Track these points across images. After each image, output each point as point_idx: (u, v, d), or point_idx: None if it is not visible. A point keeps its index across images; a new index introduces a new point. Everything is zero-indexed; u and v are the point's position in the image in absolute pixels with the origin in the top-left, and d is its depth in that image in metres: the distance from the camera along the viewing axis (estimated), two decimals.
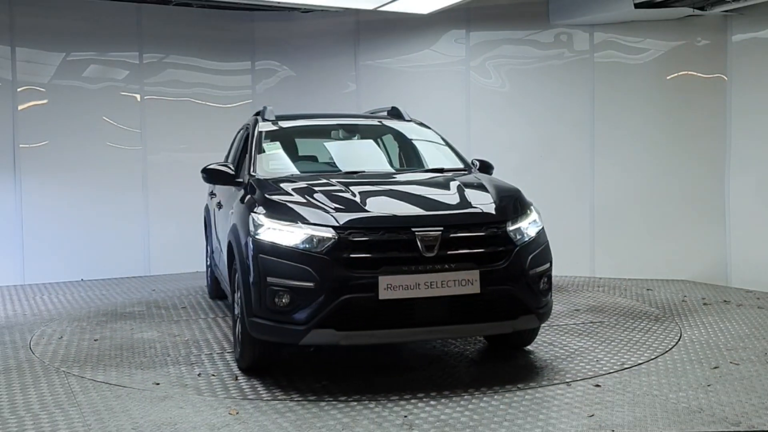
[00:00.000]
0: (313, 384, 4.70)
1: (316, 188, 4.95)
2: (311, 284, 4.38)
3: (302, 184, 5.07)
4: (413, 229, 4.48)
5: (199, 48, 9.82)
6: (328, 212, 4.60)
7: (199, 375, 4.99)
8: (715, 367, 4.95)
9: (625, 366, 4.98)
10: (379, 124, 6.71)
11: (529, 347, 5.49)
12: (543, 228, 5.06)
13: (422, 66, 9.66)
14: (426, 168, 5.98)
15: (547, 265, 4.93)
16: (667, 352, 5.35)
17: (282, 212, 4.69)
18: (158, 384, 4.78)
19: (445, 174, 5.59)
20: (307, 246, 4.48)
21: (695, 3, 7.56)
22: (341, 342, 4.47)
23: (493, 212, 4.79)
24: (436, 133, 6.46)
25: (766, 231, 7.71)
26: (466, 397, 4.39)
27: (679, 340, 5.69)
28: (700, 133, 8.30)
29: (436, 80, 9.54)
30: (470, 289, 4.46)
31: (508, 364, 5.09)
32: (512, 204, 4.96)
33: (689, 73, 8.36)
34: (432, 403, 4.29)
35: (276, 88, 10.21)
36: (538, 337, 5.60)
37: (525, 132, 9.13)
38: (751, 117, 7.85)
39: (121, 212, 9.31)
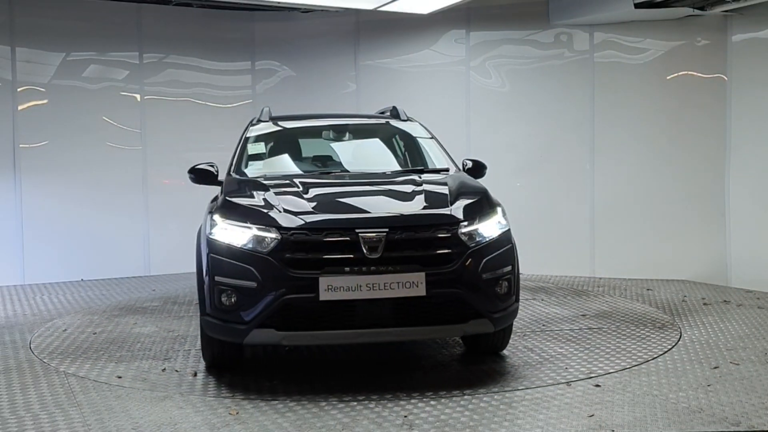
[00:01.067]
0: (263, 383, 4.72)
1: (276, 189, 5.00)
2: (254, 284, 4.43)
3: (267, 185, 5.13)
4: (357, 231, 4.46)
5: (199, 48, 9.82)
6: (275, 213, 4.64)
7: (163, 370, 5.09)
8: (715, 367, 4.95)
9: (626, 366, 4.99)
10: (370, 124, 6.71)
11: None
12: (509, 230, 4.93)
13: (422, 66, 9.66)
14: (406, 168, 5.88)
15: (507, 268, 4.77)
16: (667, 352, 5.35)
17: (235, 213, 4.76)
18: (120, 377, 4.92)
19: (418, 174, 5.51)
20: (253, 246, 4.53)
21: (695, 3, 7.57)
22: (283, 342, 4.54)
23: (445, 214, 4.69)
24: (428, 132, 6.39)
25: (766, 231, 7.71)
26: (466, 397, 4.39)
27: (679, 340, 5.69)
28: (700, 133, 8.31)
29: (436, 80, 9.54)
30: (415, 291, 4.39)
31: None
32: (472, 206, 4.85)
33: (689, 73, 8.36)
34: (432, 403, 4.29)
35: (276, 88, 10.22)
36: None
37: (525, 132, 9.14)
38: (751, 117, 7.85)
39: (121, 212, 9.31)
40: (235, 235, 4.61)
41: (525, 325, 6.20)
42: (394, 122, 6.51)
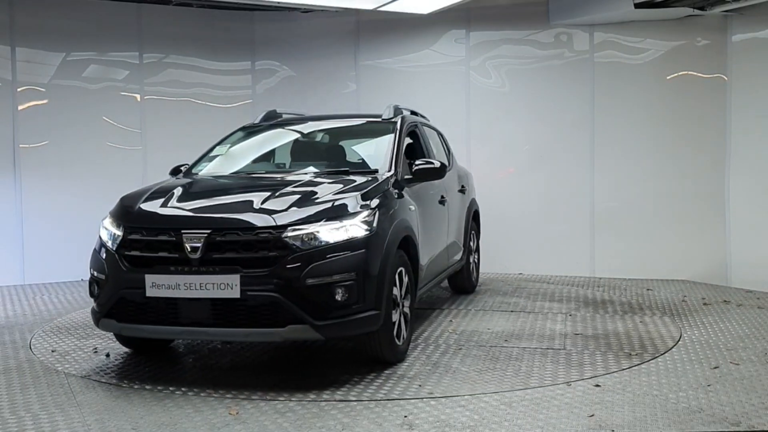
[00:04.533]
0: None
1: (170, 189, 5.29)
2: (103, 276, 4.86)
3: (169, 186, 5.45)
4: (182, 231, 4.61)
5: (199, 48, 9.82)
6: (131, 212, 5.00)
7: (93, 349, 5.65)
8: (715, 367, 4.95)
9: (626, 366, 4.99)
10: (345, 126, 6.70)
11: (433, 363, 5.46)
12: (368, 235, 4.72)
13: (422, 66, 9.66)
14: (331, 170, 5.73)
15: (350, 275, 4.57)
16: (667, 352, 5.35)
17: (115, 211, 5.14)
18: (54, 351, 5.61)
19: (328, 176, 5.50)
20: (108, 243, 4.93)
21: (695, 3, 7.57)
22: (122, 332, 4.96)
23: (273, 217, 4.62)
24: (397, 132, 6.08)
25: (766, 231, 7.71)
26: (466, 397, 4.39)
27: (679, 340, 5.69)
28: (700, 133, 8.31)
29: (436, 80, 9.55)
30: (230, 293, 4.46)
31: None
32: (323, 209, 4.74)
33: (689, 73, 8.36)
34: (432, 403, 4.29)
35: (276, 88, 10.22)
36: (460, 354, 5.32)
37: (525, 132, 9.15)
38: (751, 117, 7.86)
39: None
40: (105, 231, 5.02)
41: (486, 339, 5.78)
42: (369, 122, 6.49)
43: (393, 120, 6.32)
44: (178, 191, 5.24)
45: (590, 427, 3.86)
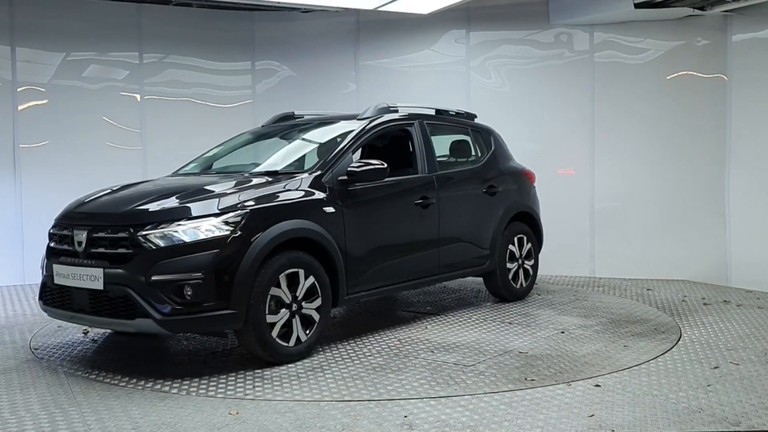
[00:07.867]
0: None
1: (106, 189, 5.81)
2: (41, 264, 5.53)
3: (115, 186, 5.96)
4: (74, 227, 5.20)
5: (199, 48, 9.83)
6: (64, 208, 5.62)
7: (83, 331, 6.24)
8: (715, 367, 4.95)
9: (625, 366, 4.99)
10: (317, 127, 6.68)
11: (313, 368, 5.44)
12: (226, 236, 4.83)
13: (422, 66, 9.66)
14: (262, 171, 5.80)
15: (197, 274, 4.71)
16: (667, 352, 5.35)
17: None
18: (54, 340, 6.01)
19: (242, 178, 5.60)
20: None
21: (695, 3, 7.58)
22: (48, 314, 5.47)
23: (134, 216, 5.00)
24: (355, 132, 6.02)
25: (766, 231, 7.71)
26: (466, 397, 4.39)
27: (679, 340, 5.69)
28: (700, 133, 8.31)
29: (436, 80, 9.55)
30: (96, 285, 4.92)
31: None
32: (182, 208, 4.96)
33: (689, 73, 8.36)
34: (432, 403, 4.29)
35: (276, 88, 10.22)
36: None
37: (525, 132, 9.14)
38: (751, 117, 7.86)
39: None
40: None
41: (417, 349, 5.48)
42: (342, 123, 6.43)
43: (363, 119, 6.27)
44: (106, 191, 5.72)
45: (590, 427, 3.86)
